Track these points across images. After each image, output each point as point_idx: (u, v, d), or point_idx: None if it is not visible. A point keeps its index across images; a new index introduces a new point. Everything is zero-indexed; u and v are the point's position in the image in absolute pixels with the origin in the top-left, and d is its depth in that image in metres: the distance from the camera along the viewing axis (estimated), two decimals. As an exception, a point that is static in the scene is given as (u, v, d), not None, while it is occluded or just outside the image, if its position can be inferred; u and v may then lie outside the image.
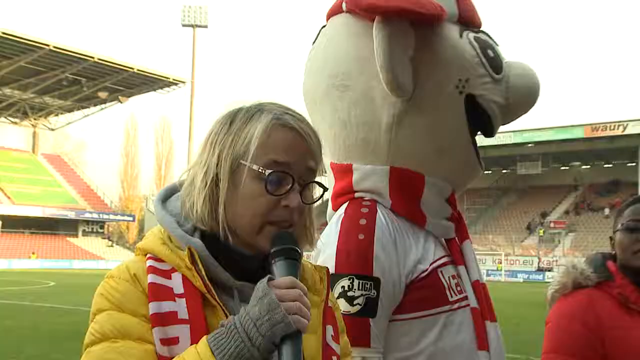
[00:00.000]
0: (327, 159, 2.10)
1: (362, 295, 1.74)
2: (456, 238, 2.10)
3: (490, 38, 2.12)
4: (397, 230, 1.88)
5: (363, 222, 1.84)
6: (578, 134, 61.15)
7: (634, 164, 61.98)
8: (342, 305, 1.72)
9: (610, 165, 70.15)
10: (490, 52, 2.06)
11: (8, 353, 10.70)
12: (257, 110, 1.32)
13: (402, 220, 1.93)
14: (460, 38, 2.02)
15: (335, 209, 2.01)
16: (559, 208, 69.27)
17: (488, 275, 56.26)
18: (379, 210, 1.90)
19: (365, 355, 1.72)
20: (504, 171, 73.87)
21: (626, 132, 58.35)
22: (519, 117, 2.22)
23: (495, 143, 59.81)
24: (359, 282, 1.74)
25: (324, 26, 2.18)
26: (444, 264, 1.95)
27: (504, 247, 61.16)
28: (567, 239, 61.17)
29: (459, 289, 1.95)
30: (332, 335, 1.37)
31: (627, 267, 2.22)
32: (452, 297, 1.90)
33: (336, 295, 1.74)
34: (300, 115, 1.34)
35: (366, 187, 1.97)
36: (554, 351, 2.21)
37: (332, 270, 1.73)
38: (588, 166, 71.91)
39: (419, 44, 1.91)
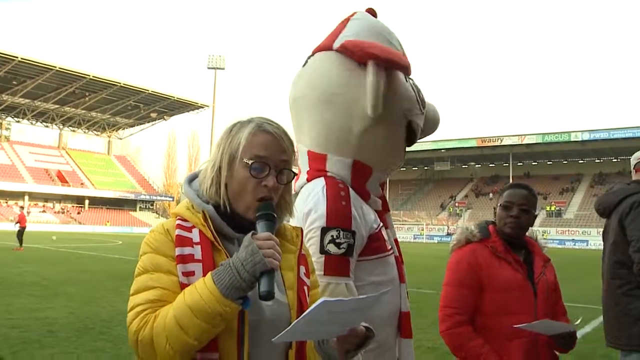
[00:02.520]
0: (306, 148, 2.00)
1: (345, 242, 1.74)
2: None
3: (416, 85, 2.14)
4: (358, 201, 1.87)
5: (343, 194, 1.82)
6: (473, 143, 61.72)
7: (507, 164, 62.72)
8: (332, 248, 1.73)
9: (493, 165, 70.15)
10: (421, 94, 2.09)
11: (93, 285, 10.74)
12: (247, 122, 1.30)
13: (356, 194, 1.91)
14: (406, 82, 2.02)
15: (310, 180, 1.93)
16: (461, 193, 69.45)
17: (415, 238, 56.76)
18: (349, 188, 1.89)
19: (346, 281, 1.73)
20: (426, 168, 73.63)
21: (503, 143, 59.91)
22: (427, 136, 2.29)
23: (420, 149, 60.39)
24: (343, 233, 1.74)
25: (312, 55, 2.07)
26: (382, 226, 1.94)
27: (425, 219, 61.25)
28: (466, 214, 61.23)
29: (389, 242, 1.96)
30: (304, 273, 1.35)
31: (501, 231, 2.25)
32: (388, 247, 1.91)
33: (327, 241, 1.73)
34: (276, 123, 1.31)
35: (334, 172, 1.92)
36: (449, 284, 2.24)
37: (323, 224, 1.74)
38: (479, 165, 72.00)
39: (388, 83, 1.89)
